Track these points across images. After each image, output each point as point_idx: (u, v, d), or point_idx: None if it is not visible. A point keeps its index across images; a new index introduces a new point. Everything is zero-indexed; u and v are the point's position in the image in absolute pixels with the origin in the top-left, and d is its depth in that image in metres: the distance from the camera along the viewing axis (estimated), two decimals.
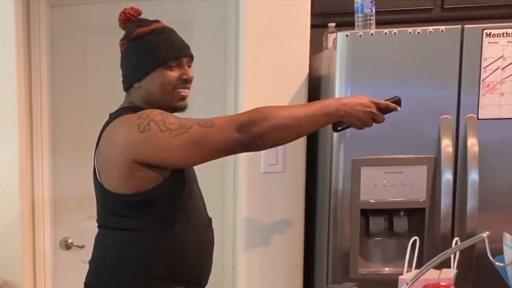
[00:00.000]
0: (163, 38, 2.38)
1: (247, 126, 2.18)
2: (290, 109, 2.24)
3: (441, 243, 2.63)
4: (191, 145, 2.23)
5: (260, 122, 2.18)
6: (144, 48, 2.38)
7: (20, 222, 3.41)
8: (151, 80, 2.38)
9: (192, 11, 3.38)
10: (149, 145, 2.26)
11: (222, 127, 2.20)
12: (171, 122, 2.24)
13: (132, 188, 2.33)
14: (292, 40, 3.02)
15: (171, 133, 2.22)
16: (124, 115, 2.37)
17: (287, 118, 2.19)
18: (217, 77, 3.35)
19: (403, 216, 2.70)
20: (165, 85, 2.37)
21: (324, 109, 2.22)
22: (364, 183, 2.67)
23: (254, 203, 3.12)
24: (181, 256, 2.40)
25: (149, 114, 2.27)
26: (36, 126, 3.53)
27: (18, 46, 3.35)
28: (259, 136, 2.19)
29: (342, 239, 2.73)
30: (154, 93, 2.39)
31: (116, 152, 2.34)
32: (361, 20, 2.73)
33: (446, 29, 2.57)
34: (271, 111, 2.20)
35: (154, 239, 2.37)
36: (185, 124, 2.22)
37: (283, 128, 2.20)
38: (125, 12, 2.46)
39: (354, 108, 2.23)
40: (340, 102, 2.24)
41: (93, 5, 3.51)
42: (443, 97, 2.60)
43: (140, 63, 2.38)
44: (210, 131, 2.21)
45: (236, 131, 2.19)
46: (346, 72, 2.65)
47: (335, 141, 2.70)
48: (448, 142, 2.59)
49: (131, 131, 2.28)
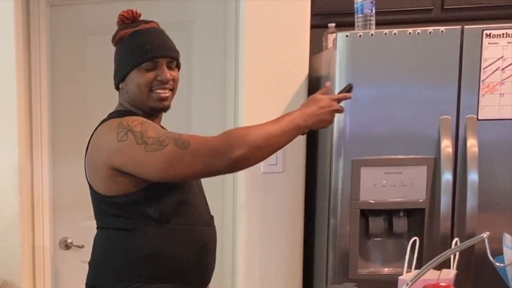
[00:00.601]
0: (142, 40, 2.40)
1: (224, 153, 2.20)
2: (262, 128, 2.26)
3: (441, 243, 2.63)
4: (164, 164, 2.25)
5: (237, 146, 2.20)
6: (124, 50, 2.42)
7: (19, 221, 3.40)
8: (130, 81, 2.42)
9: (191, 11, 3.38)
10: (124, 155, 2.29)
11: (197, 152, 2.22)
12: (149, 135, 2.25)
13: (118, 190, 2.36)
14: (292, 40, 3.03)
15: (146, 147, 2.24)
16: (110, 119, 2.42)
17: (262, 138, 2.23)
18: (217, 77, 3.35)
19: (402, 217, 2.70)
20: (140, 86, 2.40)
21: (293, 123, 2.28)
22: (364, 184, 2.67)
23: (253, 203, 3.12)
24: (179, 255, 2.40)
25: (129, 123, 2.29)
26: (35, 126, 3.53)
27: (18, 46, 3.34)
28: (237, 160, 2.21)
29: (341, 239, 2.73)
30: (133, 93, 2.42)
31: (97, 156, 2.39)
32: (361, 21, 2.73)
33: (446, 30, 2.57)
34: (244, 134, 2.23)
35: (150, 238, 2.37)
36: (162, 141, 2.23)
37: (259, 148, 2.23)
38: (120, 15, 2.48)
39: (319, 114, 2.31)
40: (305, 113, 2.30)
41: (93, 5, 3.51)
42: (443, 98, 2.60)
43: (121, 65, 2.44)
44: (184, 154, 2.22)
45: (213, 158, 2.21)
46: (346, 72, 2.66)
47: (335, 141, 2.70)
48: (447, 143, 2.59)
49: (110, 139, 2.32)
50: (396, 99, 2.62)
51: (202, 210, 2.50)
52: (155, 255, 2.38)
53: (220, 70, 3.35)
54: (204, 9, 3.36)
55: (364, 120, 2.66)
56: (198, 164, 2.23)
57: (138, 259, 2.39)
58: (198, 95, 3.34)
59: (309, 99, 2.38)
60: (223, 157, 2.20)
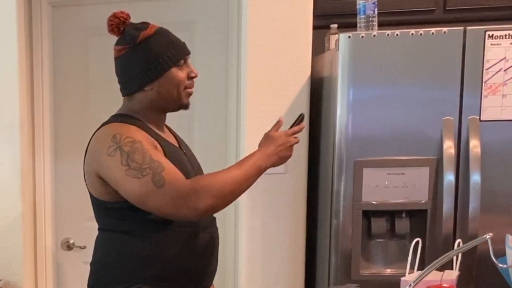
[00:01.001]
0: (168, 39, 2.39)
1: (192, 203, 2.22)
2: (228, 174, 2.29)
3: (443, 244, 2.63)
4: (136, 194, 2.28)
5: (205, 197, 2.23)
6: (153, 50, 2.37)
7: (21, 222, 3.41)
8: (165, 81, 2.38)
9: (193, 12, 3.38)
10: (108, 170, 2.31)
11: (167, 194, 2.24)
12: (134, 159, 2.25)
13: (113, 197, 2.37)
14: (294, 41, 3.03)
15: (127, 171, 2.25)
16: (110, 123, 2.41)
17: (229, 185, 2.27)
18: (219, 78, 3.35)
19: (405, 218, 2.70)
20: (179, 84, 2.40)
21: (256, 165, 2.34)
22: (366, 185, 2.67)
23: (255, 204, 3.12)
24: (178, 257, 2.40)
25: (122, 139, 2.29)
26: (37, 127, 3.53)
27: (20, 47, 3.35)
28: (205, 210, 2.25)
29: (344, 240, 2.73)
30: (167, 93, 2.40)
31: (90, 162, 2.42)
32: (363, 22, 2.74)
33: (448, 31, 2.57)
34: (212, 184, 2.25)
35: (149, 241, 2.38)
36: (143, 170, 2.24)
37: (225, 196, 2.28)
38: (118, 16, 2.41)
39: (278, 153, 2.39)
40: (265, 154, 2.37)
41: (95, 6, 3.50)
42: (445, 99, 2.60)
43: (152, 65, 2.37)
44: (156, 192, 2.24)
45: (181, 206, 2.24)
46: (348, 73, 2.65)
47: (337, 142, 2.70)
48: (450, 144, 2.59)
49: (100, 150, 2.33)
50: (399, 100, 2.62)
51: None
52: (154, 257, 2.38)
53: (222, 71, 3.35)
54: (206, 10, 3.36)
55: (367, 121, 2.66)
56: (166, 207, 2.26)
57: (138, 261, 2.39)
58: (200, 96, 3.34)
59: (266, 138, 2.43)
60: (191, 207, 2.23)
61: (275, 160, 2.38)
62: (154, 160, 2.26)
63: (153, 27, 2.40)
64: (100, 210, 2.48)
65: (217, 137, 3.38)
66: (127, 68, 2.42)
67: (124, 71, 2.44)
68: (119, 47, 2.44)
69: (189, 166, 2.47)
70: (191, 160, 2.54)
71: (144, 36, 2.38)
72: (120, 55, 2.43)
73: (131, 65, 2.41)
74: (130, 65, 2.41)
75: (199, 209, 2.23)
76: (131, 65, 2.41)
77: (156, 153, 2.30)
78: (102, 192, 2.40)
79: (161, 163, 2.26)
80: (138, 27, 2.40)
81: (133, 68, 2.40)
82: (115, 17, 2.41)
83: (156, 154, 2.29)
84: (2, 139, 3.36)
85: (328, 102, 2.86)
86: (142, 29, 2.39)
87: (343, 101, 2.67)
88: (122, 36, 2.42)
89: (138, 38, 2.38)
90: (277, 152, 2.38)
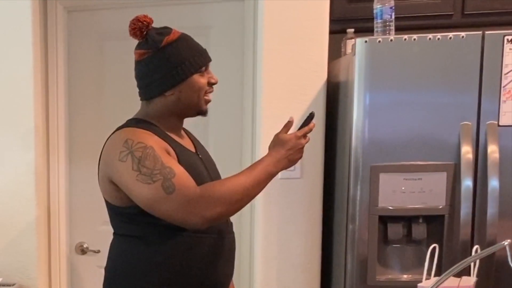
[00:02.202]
0: (190, 45, 2.40)
1: (200, 212, 2.24)
2: (237, 181, 2.29)
3: (461, 250, 2.61)
4: (146, 200, 2.29)
5: (214, 205, 2.24)
6: (176, 56, 2.37)
7: (35, 226, 3.42)
8: (186, 87, 2.39)
9: (209, 16, 3.39)
10: (120, 176, 2.32)
11: (176, 201, 2.24)
12: (145, 164, 2.26)
13: (124, 202, 2.38)
14: (310, 46, 3.02)
15: (138, 176, 2.26)
16: (124, 128, 2.43)
17: (238, 193, 2.27)
18: (234, 83, 3.35)
19: (422, 223, 2.69)
20: (200, 91, 2.41)
21: (266, 171, 2.33)
22: (383, 190, 2.66)
23: (271, 209, 3.12)
24: (191, 263, 2.41)
25: (134, 145, 2.29)
26: (52, 131, 3.55)
27: (35, 51, 3.37)
28: (213, 218, 2.27)
29: (360, 246, 2.72)
30: (188, 99, 2.41)
31: (102, 167, 2.43)
32: (380, 26, 2.73)
33: (466, 35, 2.56)
34: (221, 192, 2.26)
35: (161, 246, 2.38)
36: (154, 175, 2.24)
37: (235, 204, 2.29)
38: (141, 20, 2.40)
39: (288, 156, 2.37)
40: (275, 158, 2.35)
41: (111, 11, 3.52)
42: (463, 104, 2.59)
43: (175, 71, 2.37)
44: (165, 199, 2.25)
45: (190, 213, 2.25)
46: (365, 78, 2.65)
47: (354, 147, 2.69)
48: (468, 149, 2.58)
49: (113, 155, 2.34)
50: (416, 105, 2.61)
51: None
52: (166, 262, 2.39)
53: (238, 76, 3.35)
54: (221, 15, 3.37)
55: (383, 126, 2.65)
56: (175, 213, 2.27)
57: (150, 266, 2.40)
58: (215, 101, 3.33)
59: (275, 141, 2.41)
60: (199, 215, 2.24)
61: (285, 164, 2.38)
62: (166, 166, 2.26)
63: (176, 32, 2.41)
64: (114, 215, 2.49)
65: (232, 142, 3.38)
66: (148, 73, 2.42)
67: (145, 76, 2.44)
68: (141, 51, 2.43)
69: (205, 172, 2.47)
70: (208, 166, 2.53)
71: (167, 41, 2.38)
72: (142, 59, 2.43)
73: (152, 69, 2.41)
74: (152, 70, 2.41)
75: (207, 217, 2.24)
76: (152, 69, 2.41)
77: (169, 158, 2.31)
78: (115, 197, 2.41)
79: (172, 169, 2.26)
80: (161, 31, 2.40)
81: (154, 73, 2.40)
82: (138, 20, 2.41)
83: (169, 160, 2.29)
84: (18, 144, 3.38)
85: (345, 107, 2.85)
86: (166, 34, 2.39)
87: (359, 106, 2.66)
88: (144, 40, 2.42)
89: (161, 43, 2.38)
90: (287, 156, 2.37)
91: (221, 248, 2.48)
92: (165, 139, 2.39)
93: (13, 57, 3.35)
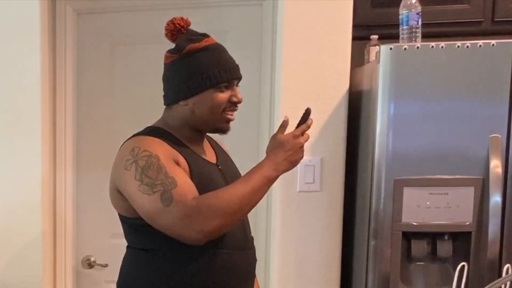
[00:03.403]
0: (215, 57, 2.40)
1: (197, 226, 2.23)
2: (234, 191, 2.27)
3: (488, 269, 2.60)
4: (145, 212, 2.31)
5: (210, 219, 2.23)
6: (196, 66, 2.38)
7: (41, 239, 3.43)
8: (200, 100, 2.40)
9: (226, 20, 3.40)
10: (124, 184, 2.35)
11: (172, 214, 2.25)
12: (148, 174, 2.27)
13: (129, 211, 2.40)
14: (332, 52, 3.02)
15: (139, 186, 2.28)
16: (137, 136, 2.45)
17: (236, 203, 2.26)
18: (251, 91, 3.34)
19: (447, 240, 2.68)
20: (214, 107, 2.40)
21: (264, 177, 2.30)
22: (407, 205, 2.65)
23: (289, 223, 3.12)
24: (201, 278, 2.40)
25: (139, 153, 2.31)
26: (59, 139, 3.56)
27: (43, 55, 3.39)
28: (212, 232, 2.26)
29: (382, 263, 2.72)
30: (201, 113, 2.41)
31: (111, 176, 2.45)
32: (406, 33, 2.73)
33: (497, 43, 2.55)
34: (217, 204, 2.24)
35: (171, 260, 2.39)
36: (155, 186, 2.25)
37: (233, 215, 2.27)
38: (175, 23, 2.44)
39: (287, 158, 2.33)
40: (274, 162, 2.32)
41: (121, 14, 3.53)
42: (492, 115, 2.58)
43: (190, 81, 2.39)
44: (163, 211, 2.25)
45: (187, 228, 2.25)
46: (389, 87, 2.64)
47: (377, 159, 2.69)
48: (497, 163, 2.57)
49: (120, 163, 2.36)
50: (443, 116, 2.60)
51: (237, 233, 2.48)
52: (176, 276, 2.39)
53: (255, 83, 3.35)
54: (239, 19, 3.38)
55: (408, 138, 2.64)
56: (172, 227, 2.28)
57: (160, 281, 2.40)
58: None
59: (272, 143, 2.38)
60: (195, 229, 2.24)
61: (285, 166, 2.34)
62: (169, 176, 2.26)
63: (207, 41, 2.42)
64: (124, 226, 2.51)
65: (249, 151, 3.38)
66: (169, 78, 2.46)
67: (166, 80, 2.48)
68: (168, 54, 2.47)
69: (223, 184, 2.45)
70: (228, 177, 2.51)
71: (191, 49, 2.39)
72: (167, 63, 2.47)
73: (173, 75, 2.44)
74: (172, 76, 2.44)
75: (205, 231, 2.24)
76: (173, 75, 2.44)
77: (175, 168, 2.31)
78: (121, 206, 2.43)
79: (175, 179, 2.26)
80: (191, 38, 2.42)
81: (174, 79, 2.43)
82: (172, 23, 2.45)
83: (174, 170, 2.30)
84: (23, 151, 3.39)
85: (368, 117, 2.85)
86: (194, 41, 2.40)
87: (383, 116, 2.66)
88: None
89: (184, 49, 2.40)
90: (287, 157, 2.33)
91: (238, 265, 2.48)
92: (178, 148, 2.40)
93: (20, 61, 3.37)
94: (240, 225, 2.49)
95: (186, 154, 2.41)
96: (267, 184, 2.32)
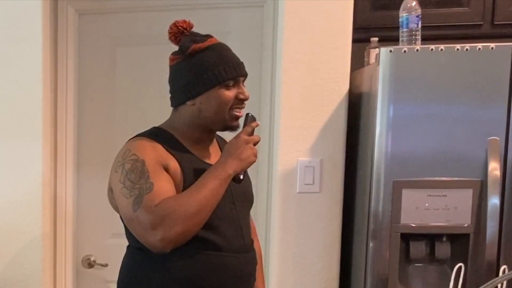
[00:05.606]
0: (220, 56, 2.42)
1: (158, 233, 2.25)
2: (192, 196, 2.30)
3: (486, 271, 2.62)
4: (122, 214, 2.37)
5: (171, 225, 2.25)
6: (201, 65, 2.40)
7: (41, 238, 3.43)
8: (207, 98, 2.41)
9: (227, 22, 3.41)
10: (112, 184, 2.41)
11: (136, 220, 2.29)
12: (131, 178, 2.31)
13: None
14: (332, 54, 3.03)
15: (121, 189, 2.32)
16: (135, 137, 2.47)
17: (194, 207, 2.27)
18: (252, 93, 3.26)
19: (445, 242, 2.70)
20: (221, 105, 2.42)
21: (220, 176, 2.34)
22: (405, 206, 2.67)
23: (288, 224, 3.13)
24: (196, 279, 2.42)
25: (128, 156, 2.35)
26: (60, 139, 3.56)
27: (45, 55, 3.39)
28: (176, 238, 2.28)
29: (380, 264, 2.73)
30: (209, 112, 2.43)
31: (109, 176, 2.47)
32: (406, 35, 2.74)
33: (496, 46, 2.56)
34: (173, 208, 2.26)
35: (166, 260, 2.39)
36: (132, 191, 2.29)
37: (192, 217, 2.28)
38: (177, 25, 2.47)
39: (238, 156, 2.37)
40: (225, 163, 2.37)
41: (123, 14, 3.54)
42: (491, 118, 2.59)
43: (196, 81, 2.40)
44: (132, 216, 2.30)
45: (150, 235, 2.27)
46: (389, 89, 2.66)
47: (376, 161, 2.70)
48: (495, 165, 2.58)
49: (113, 164, 2.42)
50: (442, 119, 2.62)
51: (231, 236, 2.49)
52: (171, 277, 2.41)
53: (256, 85, 3.35)
54: (240, 21, 3.39)
55: (407, 140, 2.66)
56: (138, 234, 2.32)
57: (155, 280, 2.42)
58: None
59: (225, 148, 2.43)
60: (158, 237, 2.25)
61: (238, 164, 2.37)
62: (149, 181, 2.29)
63: (210, 41, 2.44)
64: (124, 226, 2.51)
65: None
66: (175, 80, 2.48)
67: (172, 82, 2.50)
68: (172, 56, 2.49)
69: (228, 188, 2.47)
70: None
71: (195, 49, 2.41)
72: (172, 65, 2.49)
73: (178, 77, 2.46)
74: (178, 77, 2.46)
75: (167, 239, 2.26)
76: (178, 77, 2.46)
77: (159, 174, 2.33)
78: (115, 206, 2.47)
79: (153, 184, 2.29)
80: (195, 39, 2.44)
81: (179, 81, 2.45)
82: (175, 25, 2.48)
83: (157, 175, 2.32)
84: (24, 152, 3.40)
85: (367, 119, 2.87)
86: (197, 41, 2.43)
87: (382, 119, 2.67)
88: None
89: (188, 50, 2.42)
90: (237, 155, 2.37)
91: (235, 267, 2.50)
92: (173, 151, 2.42)
93: (21, 61, 3.37)
94: (236, 227, 2.51)
95: (182, 158, 2.43)
96: (221, 184, 2.34)
